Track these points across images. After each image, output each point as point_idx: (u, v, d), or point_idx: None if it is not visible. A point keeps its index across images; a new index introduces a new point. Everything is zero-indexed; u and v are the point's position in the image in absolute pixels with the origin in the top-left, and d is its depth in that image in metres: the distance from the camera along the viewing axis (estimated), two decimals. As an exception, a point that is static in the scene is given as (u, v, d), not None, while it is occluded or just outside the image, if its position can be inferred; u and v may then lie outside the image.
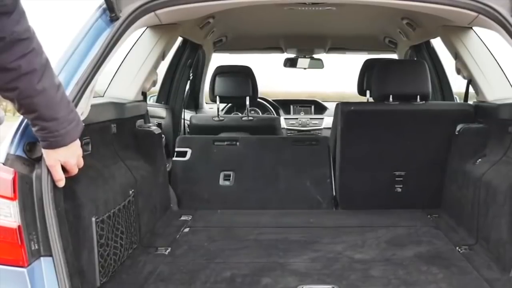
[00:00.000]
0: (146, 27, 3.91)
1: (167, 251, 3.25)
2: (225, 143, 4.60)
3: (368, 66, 5.14)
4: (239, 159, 4.50)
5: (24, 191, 2.14)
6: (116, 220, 2.91)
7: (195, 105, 6.42)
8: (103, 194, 2.82)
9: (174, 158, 4.48)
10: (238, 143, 4.57)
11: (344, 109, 3.99)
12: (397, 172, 4.11)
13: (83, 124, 2.30)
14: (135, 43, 4.03)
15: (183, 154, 4.50)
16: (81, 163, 2.32)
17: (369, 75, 4.82)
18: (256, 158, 4.48)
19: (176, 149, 4.53)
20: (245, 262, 3.06)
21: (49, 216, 2.16)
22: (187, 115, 5.44)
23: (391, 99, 3.95)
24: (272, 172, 4.42)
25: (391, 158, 4.09)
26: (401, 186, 4.14)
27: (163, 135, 4.15)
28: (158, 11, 2.67)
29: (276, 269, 2.94)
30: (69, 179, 2.38)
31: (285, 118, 6.54)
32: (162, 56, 4.10)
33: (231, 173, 4.45)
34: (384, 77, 4.03)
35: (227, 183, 4.41)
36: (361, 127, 4.02)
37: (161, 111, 4.81)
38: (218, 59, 6.38)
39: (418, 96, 3.95)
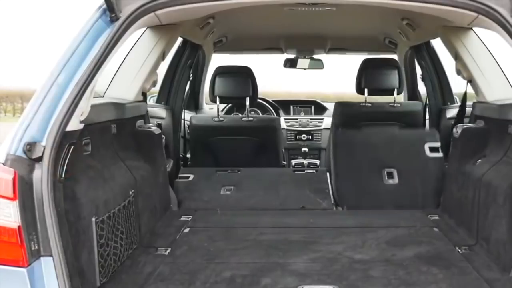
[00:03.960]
0: (146, 28, 3.91)
1: (167, 251, 3.25)
2: (228, 171, 4.73)
3: (367, 66, 5.13)
4: (240, 179, 4.61)
5: (24, 191, 2.14)
6: (116, 221, 2.91)
7: (195, 106, 6.42)
8: (103, 194, 2.83)
9: (177, 180, 4.58)
10: (239, 172, 4.71)
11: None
12: (392, 169, 4.18)
13: (83, 124, 2.31)
14: (135, 43, 4.03)
15: (186, 177, 4.65)
16: None
17: (366, 74, 4.83)
18: (257, 179, 4.61)
19: (180, 175, 4.66)
20: (245, 262, 3.06)
21: (49, 216, 2.16)
22: (187, 115, 5.44)
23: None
24: (272, 185, 4.52)
25: (389, 157, 4.14)
26: (400, 185, 4.19)
27: (163, 136, 4.15)
28: (158, 12, 2.67)
29: (276, 269, 2.94)
30: (69, 179, 2.39)
31: (285, 119, 6.54)
32: (162, 57, 4.10)
33: (232, 187, 4.52)
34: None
35: (228, 192, 4.46)
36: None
37: (161, 112, 4.81)
38: (218, 60, 6.38)
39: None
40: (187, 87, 5.59)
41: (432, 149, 4.41)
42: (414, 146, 4.43)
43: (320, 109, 6.96)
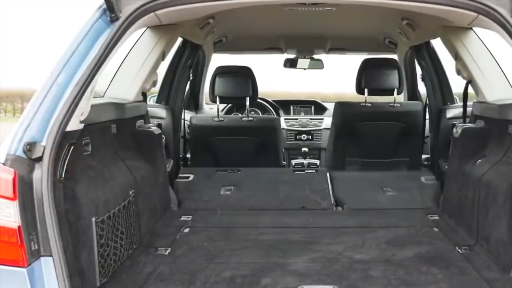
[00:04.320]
0: (146, 28, 3.91)
1: (167, 251, 3.26)
2: (228, 171, 4.73)
3: (367, 66, 5.14)
4: (240, 179, 4.62)
5: (24, 191, 2.14)
6: (116, 221, 2.91)
7: (195, 106, 6.42)
8: (103, 194, 2.83)
9: (177, 180, 4.58)
10: (239, 172, 4.72)
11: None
12: (390, 188, 4.22)
13: (83, 124, 2.31)
14: (135, 43, 4.03)
15: (186, 177, 4.65)
16: None
17: (366, 74, 4.84)
18: (257, 179, 4.61)
19: (180, 175, 4.66)
20: (245, 262, 3.06)
21: (49, 216, 2.16)
22: (187, 115, 5.44)
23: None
24: (272, 185, 4.52)
25: (386, 183, 4.28)
26: (398, 195, 4.22)
27: (163, 136, 4.15)
28: (158, 12, 2.67)
29: (276, 269, 2.94)
30: (69, 179, 2.39)
31: (285, 119, 6.54)
32: (162, 57, 4.10)
33: (232, 187, 4.51)
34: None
35: (228, 192, 4.46)
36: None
37: (161, 112, 4.81)
38: (218, 60, 6.38)
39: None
40: (187, 87, 5.59)
41: (428, 179, 4.56)
42: (410, 177, 4.61)
43: (320, 109, 6.96)
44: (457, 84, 4.71)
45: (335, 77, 8.68)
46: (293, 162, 6.13)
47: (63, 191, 2.31)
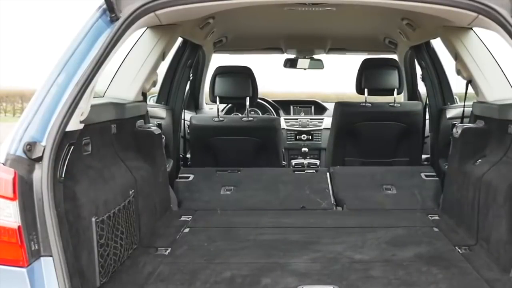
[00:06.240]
0: (146, 28, 3.91)
1: (167, 251, 3.26)
2: (228, 171, 4.73)
3: (367, 66, 5.14)
4: (240, 179, 4.62)
5: (24, 191, 2.14)
6: (116, 221, 2.91)
7: (195, 106, 6.42)
8: (103, 194, 2.83)
9: (177, 180, 4.59)
10: (239, 172, 4.71)
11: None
12: (390, 185, 4.22)
13: (83, 124, 2.31)
14: (135, 43, 4.03)
15: (186, 177, 4.66)
16: None
17: (366, 74, 4.85)
18: (257, 179, 4.61)
19: (180, 175, 4.66)
20: (245, 262, 3.06)
21: (49, 217, 2.16)
22: (187, 115, 5.44)
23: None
24: (272, 185, 4.53)
25: (386, 180, 4.31)
26: (398, 194, 4.22)
27: (163, 136, 4.15)
28: (158, 12, 2.67)
29: (276, 269, 2.94)
30: (69, 179, 2.39)
31: (285, 119, 6.54)
32: (162, 57, 4.10)
33: (232, 187, 4.52)
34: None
35: (228, 192, 4.46)
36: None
37: (161, 112, 4.81)
38: (218, 60, 6.39)
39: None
40: (187, 87, 5.59)
41: (428, 176, 4.55)
42: (410, 173, 4.59)
43: (320, 109, 6.97)
44: (457, 84, 4.71)
45: (335, 77, 8.68)
46: (293, 162, 6.13)
47: (63, 191, 2.32)
